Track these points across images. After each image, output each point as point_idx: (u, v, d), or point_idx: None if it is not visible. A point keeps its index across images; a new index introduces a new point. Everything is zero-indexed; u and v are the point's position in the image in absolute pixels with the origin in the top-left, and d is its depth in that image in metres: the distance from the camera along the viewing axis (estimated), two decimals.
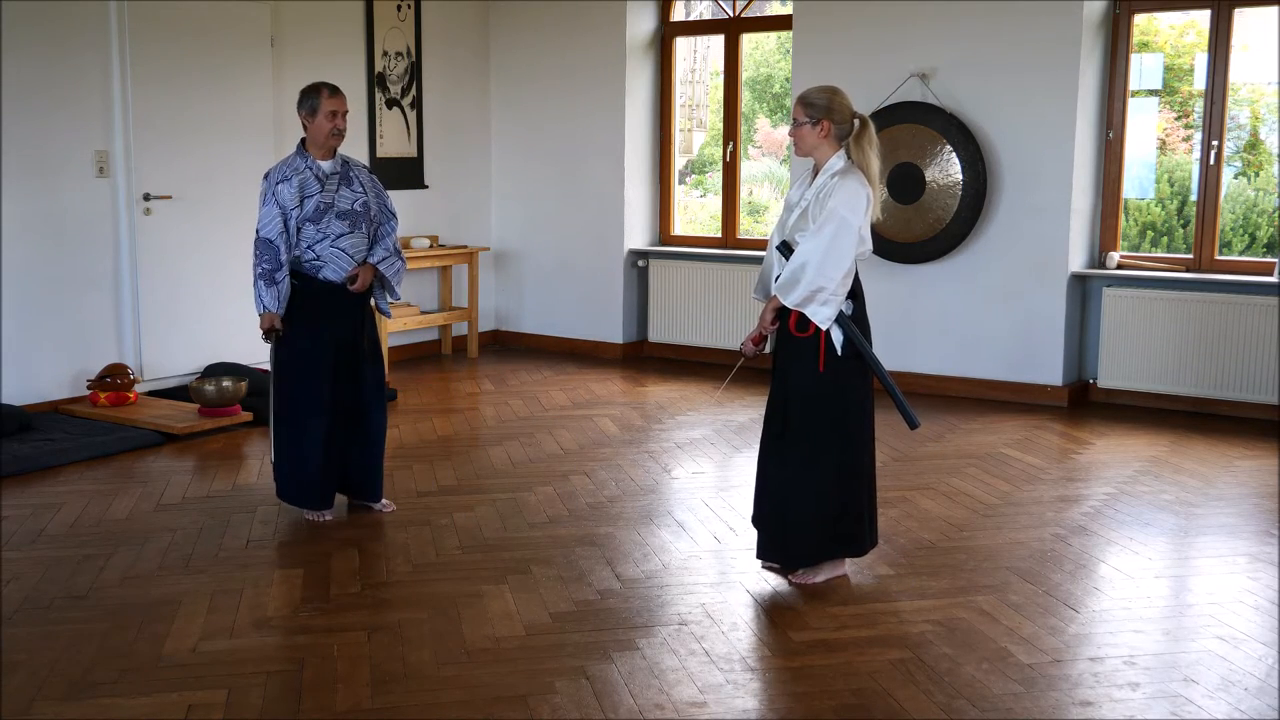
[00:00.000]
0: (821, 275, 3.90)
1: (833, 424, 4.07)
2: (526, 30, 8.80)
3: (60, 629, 3.74)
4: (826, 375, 4.02)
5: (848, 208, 3.91)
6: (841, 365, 4.03)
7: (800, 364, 4.07)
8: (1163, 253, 7.15)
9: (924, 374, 7.35)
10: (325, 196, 4.68)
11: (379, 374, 4.93)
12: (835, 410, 4.06)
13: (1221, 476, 5.53)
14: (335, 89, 4.76)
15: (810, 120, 4.01)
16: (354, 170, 4.83)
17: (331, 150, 4.74)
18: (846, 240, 3.90)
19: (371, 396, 4.86)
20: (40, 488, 5.30)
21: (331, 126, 4.68)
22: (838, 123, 4.00)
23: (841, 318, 3.98)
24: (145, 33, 6.80)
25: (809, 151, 4.07)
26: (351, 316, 4.80)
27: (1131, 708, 3.26)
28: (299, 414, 4.75)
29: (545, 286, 8.96)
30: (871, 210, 3.99)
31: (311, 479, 4.78)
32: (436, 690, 3.34)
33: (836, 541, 4.15)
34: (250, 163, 7.42)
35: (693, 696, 3.32)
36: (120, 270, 6.87)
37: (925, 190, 7.11)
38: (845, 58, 7.37)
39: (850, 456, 4.10)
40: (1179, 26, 7.19)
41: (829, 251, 3.89)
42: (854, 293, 4.04)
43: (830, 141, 4.02)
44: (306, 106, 4.71)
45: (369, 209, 4.79)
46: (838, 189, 3.93)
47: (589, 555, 4.45)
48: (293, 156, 4.76)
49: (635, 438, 6.25)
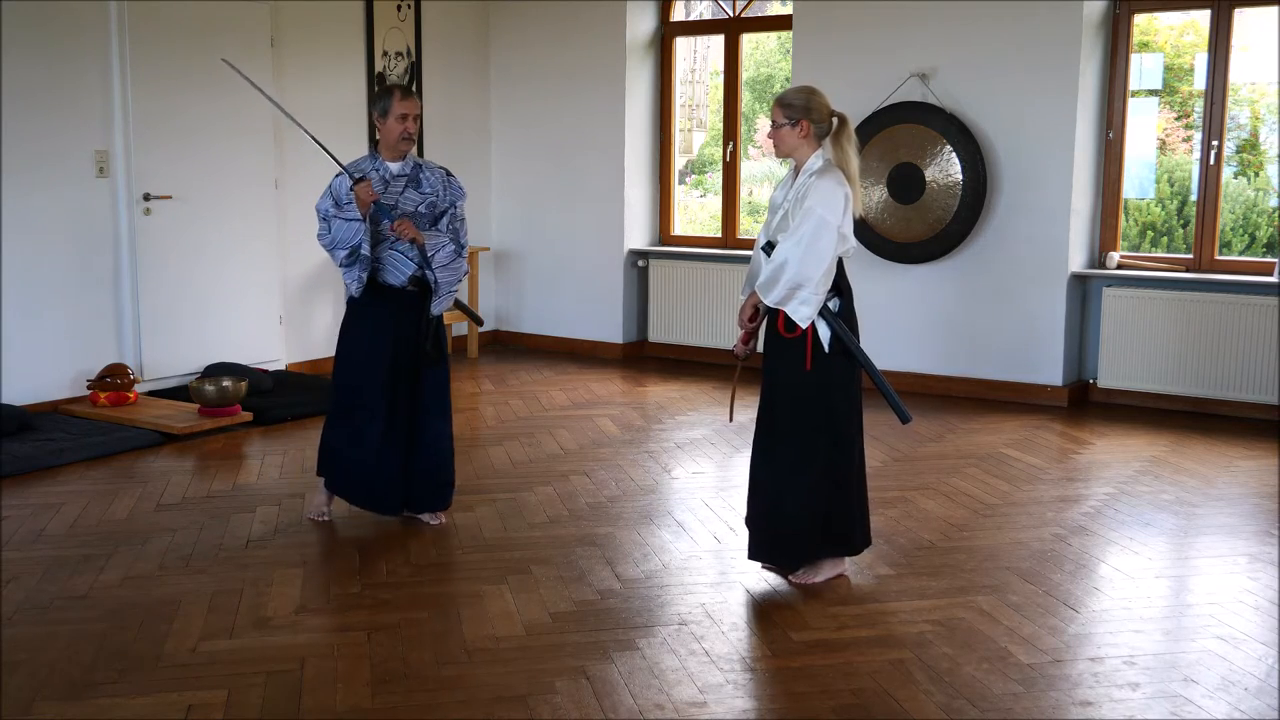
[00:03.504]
0: (800, 273, 3.91)
1: (821, 423, 4.05)
2: (526, 30, 8.80)
3: (60, 629, 3.74)
4: (814, 374, 4.02)
5: (824, 206, 3.91)
6: (829, 363, 4.02)
7: (788, 363, 4.07)
8: (1163, 253, 7.15)
9: (924, 374, 7.35)
10: (387, 199, 4.59)
11: (440, 380, 4.76)
12: (823, 409, 4.05)
13: (1221, 476, 5.53)
14: (408, 91, 4.65)
15: (789, 121, 4.03)
16: (426, 172, 4.71)
17: (402, 153, 4.66)
18: (825, 239, 3.90)
19: (431, 403, 4.72)
20: (40, 488, 5.30)
21: (402, 129, 4.58)
22: (816, 122, 4.02)
23: (828, 314, 3.98)
24: (145, 33, 6.80)
25: (789, 152, 4.08)
26: (412, 320, 4.66)
27: (1131, 708, 3.26)
28: (354, 416, 4.67)
29: (545, 286, 8.96)
30: (852, 207, 3.99)
31: (357, 475, 4.69)
32: (436, 690, 3.34)
33: (828, 541, 4.15)
34: (250, 163, 7.44)
35: (693, 696, 3.32)
36: (120, 270, 6.87)
37: (925, 190, 7.11)
38: (845, 58, 7.37)
39: (840, 455, 4.09)
40: (1179, 26, 7.19)
41: (808, 250, 3.90)
42: (840, 289, 4.04)
43: (810, 141, 4.05)
44: (379, 108, 4.62)
45: (436, 211, 4.67)
46: (814, 188, 3.95)
47: (589, 555, 4.45)
48: (364, 157, 4.73)
49: (635, 438, 6.25)
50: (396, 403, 4.66)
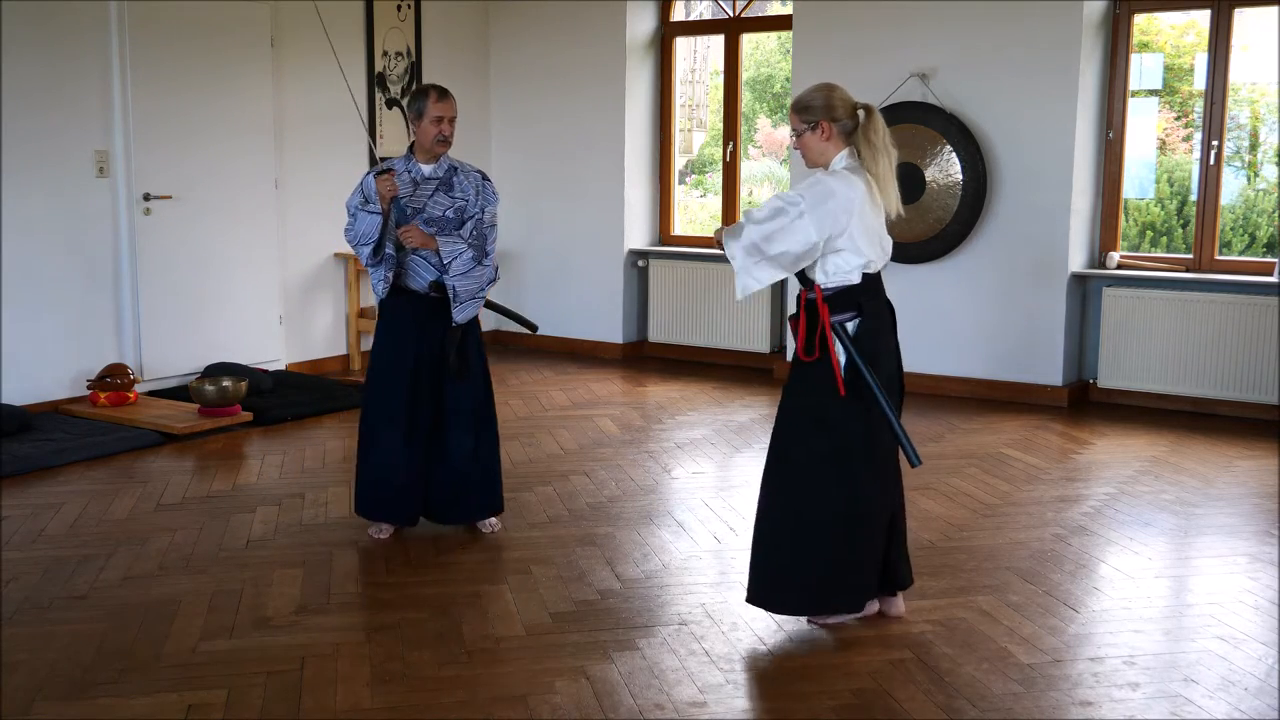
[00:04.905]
0: (753, 240, 3.55)
1: (833, 459, 3.63)
2: (526, 30, 8.80)
3: (60, 629, 3.74)
4: (833, 404, 3.60)
5: (791, 193, 3.55)
6: (849, 394, 3.59)
7: (805, 390, 3.69)
8: (1163, 253, 7.15)
9: (924, 374, 7.35)
10: (414, 201, 4.47)
11: (467, 392, 4.59)
12: (836, 444, 3.63)
13: (1221, 476, 5.52)
14: (444, 92, 4.49)
15: (808, 125, 3.62)
16: (460, 176, 4.56)
17: (437, 155, 4.52)
18: (780, 221, 3.52)
19: (453, 414, 4.57)
20: (40, 488, 5.30)
21: (437, 131, 4.44)
22: (839, 119, 3.60)
23: (843, 336, 3.58)
24: (145, 33, 6.80)
25: (817, 160, 3.66)
26: (437, 329, 4.52)
27: (1131, 708, 3.26)
28: (374, 424, 4.58)
29: (545, 286, 8.96)
30: (865, 212, 3.56)
31: (382, 493, 4.58)
32: (436, 690, 3.34)
33: (831, 594, 3.71)
34: (250, 163, 7.44)
35: (693, 696, 3.32)
36: (120, 270, 6.87)
37: (925, 190, 7.11)
38: (845, 58, 7.37)
39: (854, 497, 3.64)
40: (1179, 26, 7.19)
41: (764, 223, 3.55)
42: (860, 307, 3.61)
43: (835, 141, 3.62)
44: (414, 109, 4.48)
45: (464, 216, 4.52)
46: (809, 183, 3.58)
47: (589, 555, 4.45)
48: (399, 157, 4.60)
49: (635, 438, 6.25)
50: (418, 411, 4.54)
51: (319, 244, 7.95)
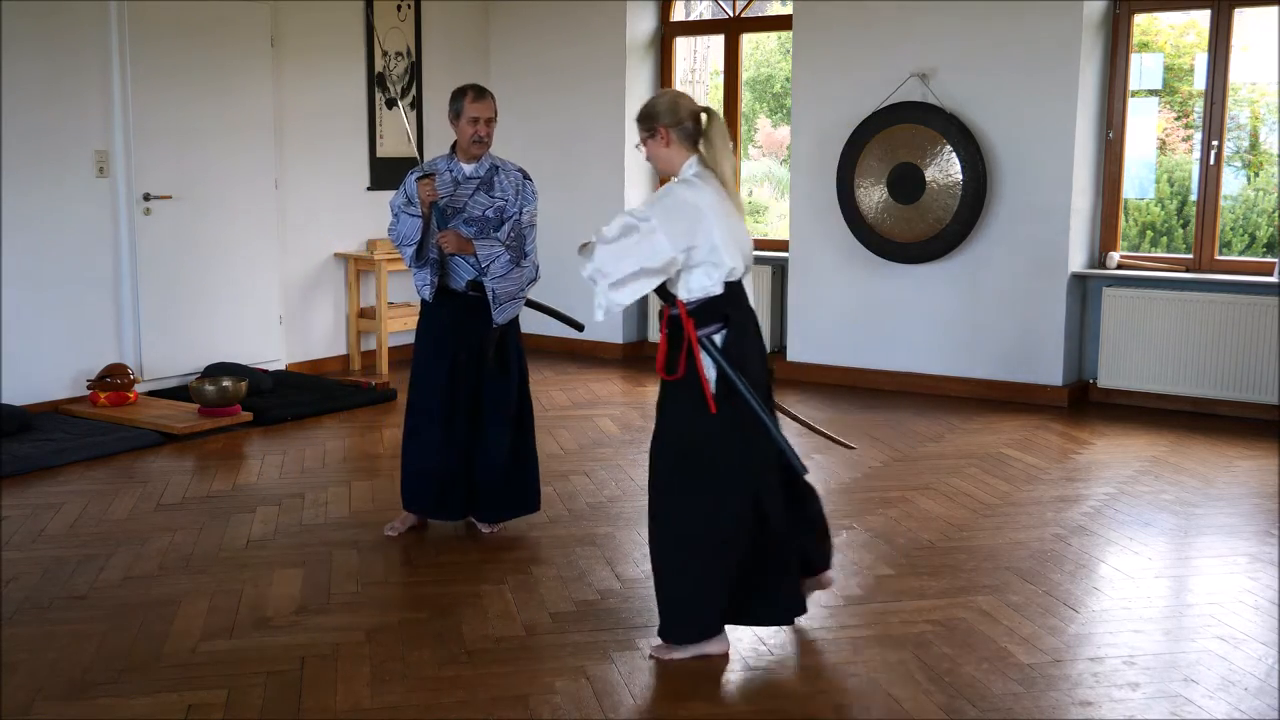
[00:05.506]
0: (598, 267, 3.43)
1: (703, 476, 3.48)
2: (526, 30, 8.80)
3: (60, 629, 3.74)
4: (699, 421, 3.47)
5: (641, 209, 3.45)
6: (721, 409, 3.45)
7: (673, 408, 3.57)
8: (1163, 253, 7.15)
9: (924, 374, 7.35)
10: (455, 201, 4.49)
11: (506, 388, 4.62)
12: (705, 460, 3.48)
13: (1221, 476, 5.52)
14: (481, 92, 4.50)
15: (648, 133, 3.55)
16: (501, 175, 4.56)
17: (476, 155, 4.53)
18: (631, 240, 3.40)
19: (492, 411, 4.60)
20: (40, 488, 5.30)
21: (473, 132, 4.45)
22: (676, 125, 3.51)
23: (711, 349, 3.45)
24: (145, 33, 6.80)
25: (665, 167, 3.60)
26: (477, 327, 4.55)
27: (1131, 708, 3.26)
28: (415, 420, 4.65)
29: (545, 286, 8.92)
30: (720, 215, 3.44)
31: (423, 484, 4.63)
32: (436, 690, 3.34)
33: (716, 616, 3.56)
34: (250, 162, 7.44)
35: (693, 696, 3.32)
36: (120, 270, 6.87)
37: (925, 190, 7.11)
38: (845, 58, 7.37)
39: (724, 514, 3.48)
40: (1179, 26, 7.19)
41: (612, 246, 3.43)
42: (728, 318, 3.48)
43: (679, 148, 3.54)
44: (451, 110, 4.51)
45: (504, 216, 4.52)
46: (657, 196, 3.51)
47: (589, 555, 4.45)
48: (442, 156, 4.62)
49: (635, 438, 6.25)
50: (456, 408, 4.59)
51: (319, 244, 7.95)
